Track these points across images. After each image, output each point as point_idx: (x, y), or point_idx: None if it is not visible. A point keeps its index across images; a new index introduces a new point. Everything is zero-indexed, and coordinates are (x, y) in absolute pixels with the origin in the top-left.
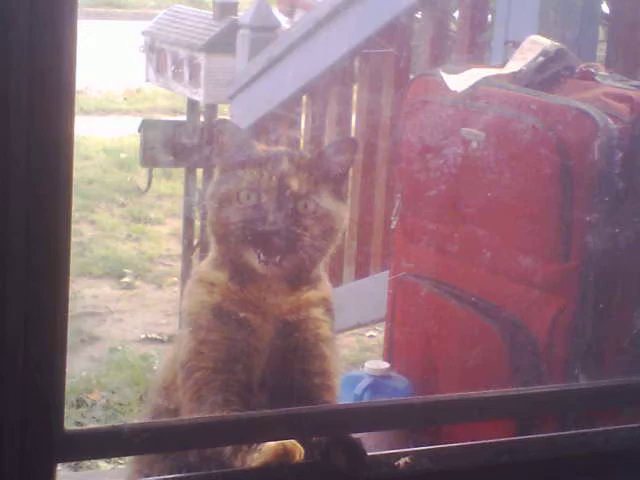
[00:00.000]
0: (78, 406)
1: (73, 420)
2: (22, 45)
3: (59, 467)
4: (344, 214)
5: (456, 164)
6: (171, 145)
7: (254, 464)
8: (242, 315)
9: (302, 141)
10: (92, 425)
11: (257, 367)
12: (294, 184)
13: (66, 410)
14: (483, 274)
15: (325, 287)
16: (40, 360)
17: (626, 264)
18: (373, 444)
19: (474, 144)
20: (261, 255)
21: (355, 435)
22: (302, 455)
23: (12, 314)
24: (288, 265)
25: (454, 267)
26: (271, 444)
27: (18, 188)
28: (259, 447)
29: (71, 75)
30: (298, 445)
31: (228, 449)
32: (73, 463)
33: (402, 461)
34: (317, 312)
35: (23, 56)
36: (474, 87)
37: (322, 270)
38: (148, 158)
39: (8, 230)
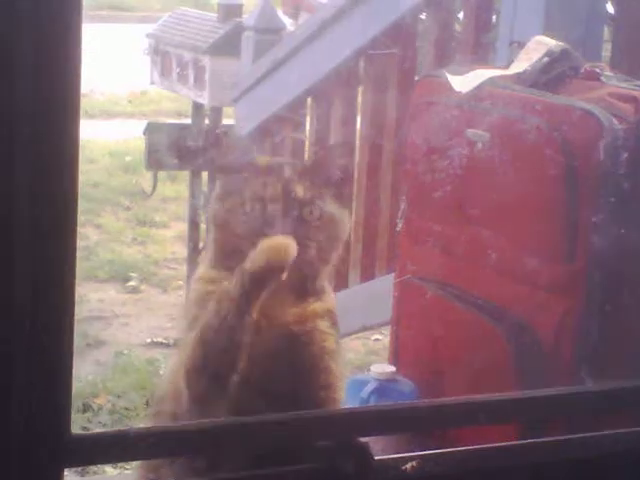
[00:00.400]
0: (84, 411)
1: (79, 425)
2: (27, 49)
3: (66, 472)
4: (347, 220)
5: (461, 165)
6: (176, 148)
7: (254, 266)
8: (247, 318)
9: (307, 143)
10: (98, 430)
11: (261, 373)
12: (299, 190)
13: (72, 415)
14: (489, 276)
15: (329, 299)
16: (47, 364)
17: (632, 265)
18: (380, 448)
19: (479, 145)
20: None
21: (362, 439)
22: (296, 250)
23: (18, 316)
24: (295, 271)
25: (460, 269)
26: (264, 244)
27: (23, 192)
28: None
29: (76, 79)
30: (291, 241)
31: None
32: (80, 468)
33: (409, 465)
34: (323, 325)
35: (28, 60)
36: (479, 88)
37: (326, 281)
38: (153, 161)
39: (13, 233)
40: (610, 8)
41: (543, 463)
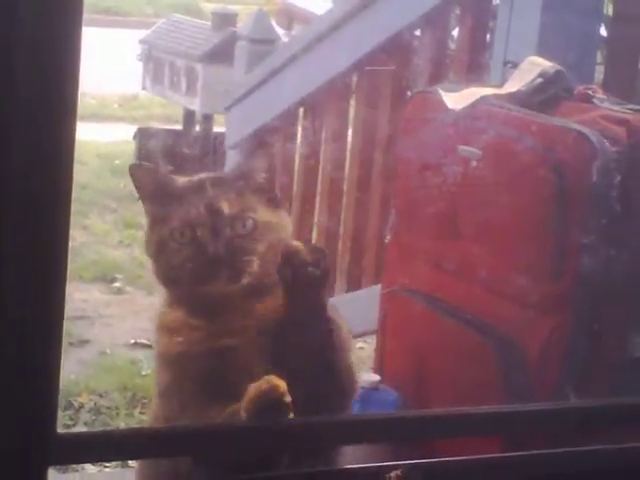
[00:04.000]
0: (66, 409)
1: (61, 423)
2: (26, 51)
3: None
4: (285, 221)
5: (452, 182)
6: (165, 153)
7: (245, 409)
8: (220, 343)
9: (297, 154)
10: (79, 428)
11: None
12: (225, 207)
13: None
14: (477, 292)
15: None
16: (34, 362)
17: (620, 286)
18: (362, 456)
19: (472, 162)
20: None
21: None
22: (285, 389)
23: (7, 316)
24: (248, 284)
25: (448, 284)
26: (253, 385)
27: (18, 194)
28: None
29: (74, 82)
30: (279, 380)
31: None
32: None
33: (393, 474)
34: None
35: (26, 62)
36: (472, 106)
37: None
38: None
39: (7, 233)
40: (603, 31)
41: (527, 476)
